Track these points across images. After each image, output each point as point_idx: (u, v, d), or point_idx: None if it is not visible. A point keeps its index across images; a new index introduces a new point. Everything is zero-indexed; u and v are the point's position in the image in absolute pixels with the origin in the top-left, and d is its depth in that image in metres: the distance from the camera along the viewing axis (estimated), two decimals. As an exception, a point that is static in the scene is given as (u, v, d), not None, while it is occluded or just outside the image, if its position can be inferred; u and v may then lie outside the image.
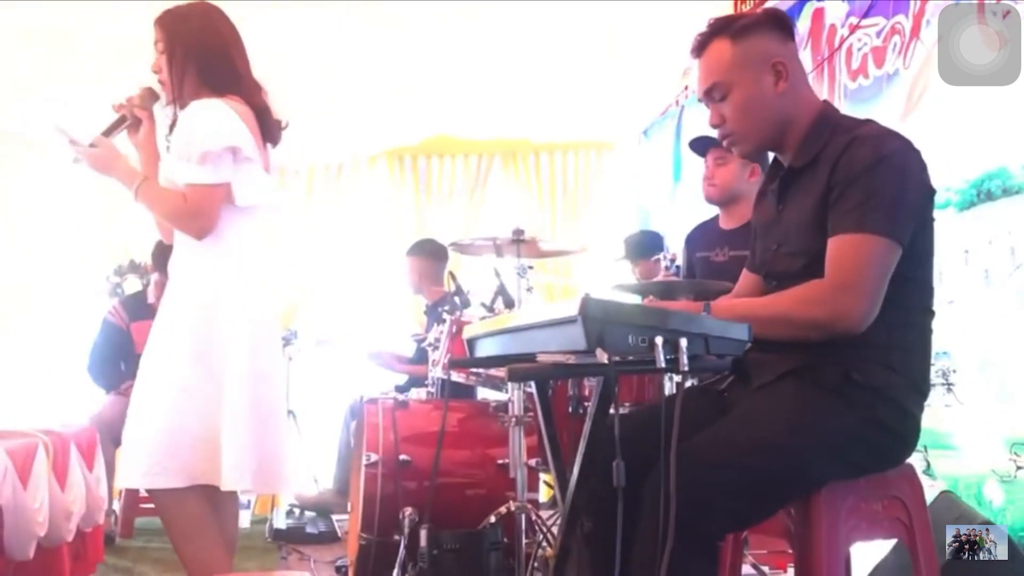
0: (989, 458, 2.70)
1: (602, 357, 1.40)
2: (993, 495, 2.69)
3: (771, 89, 1.85)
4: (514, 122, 5.92)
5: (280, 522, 4.38)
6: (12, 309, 5.64)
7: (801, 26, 3.74)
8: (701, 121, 4.72)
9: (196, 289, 2.32)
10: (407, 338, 4.98)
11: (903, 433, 1.79)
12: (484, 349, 2.00)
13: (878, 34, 3.28)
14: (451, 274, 4.02)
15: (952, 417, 2.84)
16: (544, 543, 3.00)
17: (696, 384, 2.11)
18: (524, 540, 2.97)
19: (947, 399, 2.85)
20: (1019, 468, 2.59)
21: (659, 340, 1.42)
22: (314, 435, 5.08)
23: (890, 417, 1.74)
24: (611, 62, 4.89)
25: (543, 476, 3.48)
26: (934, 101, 2.94)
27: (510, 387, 3.07)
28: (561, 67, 4.93)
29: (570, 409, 3.08)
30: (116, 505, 4.28)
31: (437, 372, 3.53)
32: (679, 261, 3.62)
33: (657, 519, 1.45)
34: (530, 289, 3.30)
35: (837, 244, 1.72)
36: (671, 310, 1.57)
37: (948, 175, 2.78)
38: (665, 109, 5.64)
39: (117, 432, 3.79)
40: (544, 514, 3.16)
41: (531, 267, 3.34)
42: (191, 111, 2.27)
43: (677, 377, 1.50)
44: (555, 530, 2.96)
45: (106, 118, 2.44)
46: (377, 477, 3.16)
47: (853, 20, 3.43)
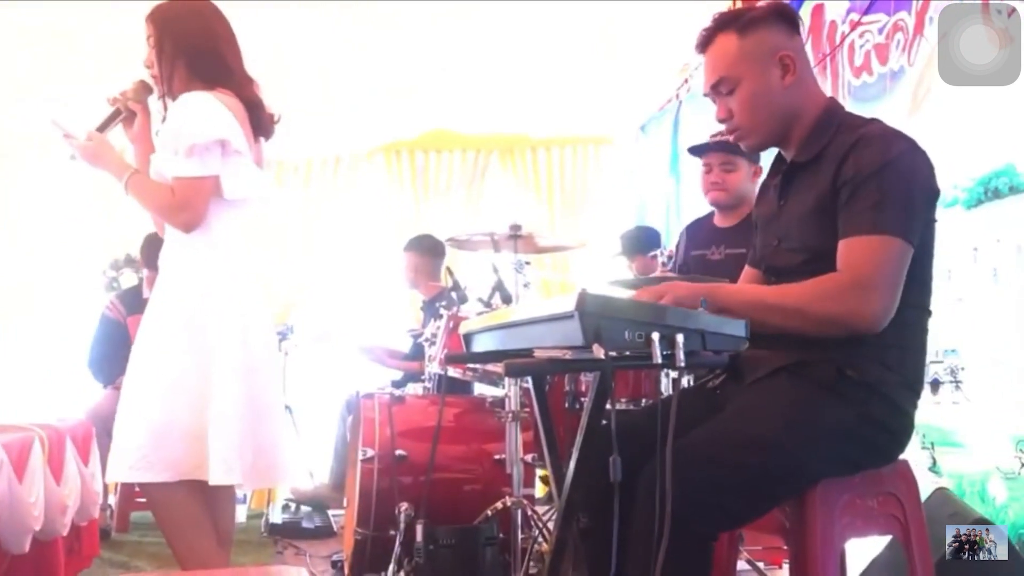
0: (995, 455, 2.70)
1: (599, 352, 1.40)
2: (997, 492, 2.69)
3: (778, 82, 1.85)
4: (512, 117, 5.91)
5: (276, 517, 4.38)
6: (11, 305, 5.64)
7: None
8: (699, 116, 4.76)
9: (185, 283, 2.32)
10: (403, 333, 4.98)
11: (896, 430, 1.79)
12: (481, 344, 2.00)
13: (880, 31, 3.28)
14: (448, 269, 4.02)
15: (959, 414, 2.84)
16: (540, 538, 3.00)
17: (691, 384, 2.11)
18: (520, 535, 2.97)
19: (955, 396, 2.84)
20: (1024, 465, 2.60)
21: (656, 336, 1.43)
22: (310, 430, 5.07)
23: (884, 414, 1.74)
24: (609, 57, 4.88)
25: (539, 471, 3.48)
26: (940, 98, 2.93)
27: (507, 382, 3.07)
28: (559, 62, 4.93)
29: (567, 404, 3.08)
30: (112, 499, 4.28)
31: (434, 367, 3.53)
32: (675, 256, 3.62)
33: (651, 515, 1.46)
34: (527, 285, 3.30)
35: (852, 245, 1.71)
36: (668, 306, 1.57)
37: (955, 173, 2.78)
38: (663, 105, 5.64)
39: (112, 426, 3.81)
40: (540, 509, 3.16)
41: (528, 263, 3.35)
42: (179, 104, 2.27)
43: (673, 373, 1.50)
44: (551, 525, 2.96)
45: (102, 112, 2.44)
46: (373, 472, 3.16)
47: (854, 17, 3.42)
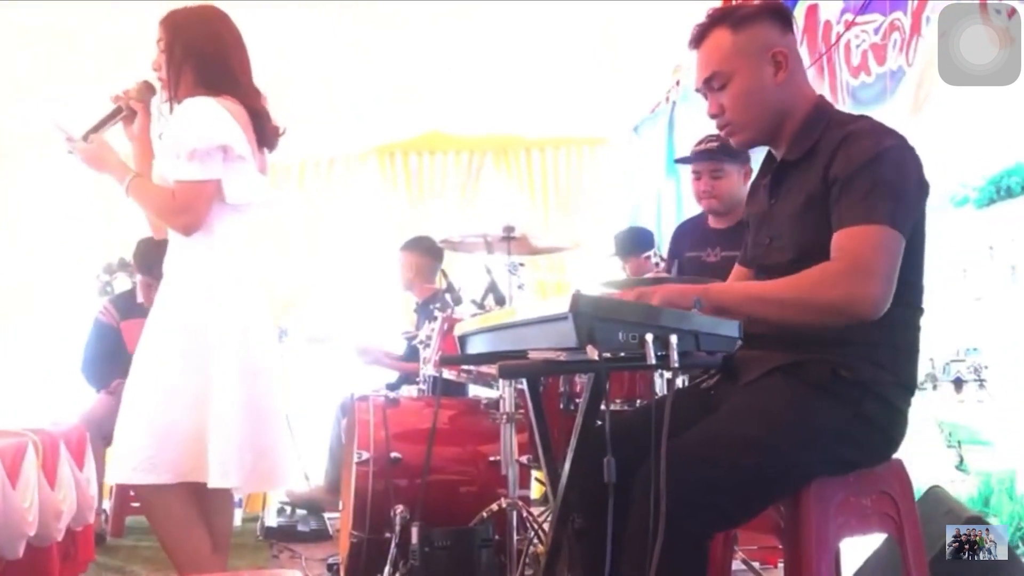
0: (1023, 452, 2.68)
1: (593, 354, 1.40)
2: (1025, 489, 2.68)
3: (771, 79, 1.86)
4: (506, 118, 5.91)
5: (271, 520, 4.37)
6: (5, 308, 5.63)
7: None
8: (693, 117, 4.77)
9: (188, 286, 2.34)
10: (398, 335, 4.97)
11: (890, 429, 1.80)
12: (475, 346, 2.00)
13: (876, 31, 3.29)
14: (442, 271, 4.02)
15: (985, 412, 2.83)
16: (535, 539, 3.00)
17: (685, 384, 2.11)
18: (515, 536, 2.97)
19: (980, 395, 2.84)
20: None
21: (649, 337, 1.43)
22: (305, 432, 5.06)
23: (878, 413, 1.75)
24: (602, 58, 4.89)
25: (534, 473, 3.48)
26: (943, 98, 2.93)
27: (501, 384, 3.07)
28: (553, 63, 4.93)
29: (561, 406, 3.08)
30: (107, 504, 4.26)
31: (428, 369, 3.53)
32: (667, 257, 3.63)
33: (646, 516, 1.46)
34: (521, 286, 3.30)
35: (847, 235, 1.70)
36: (661, 307, 1.57)
37: (965, 172, 2.77)
38: (656, 106, 5.65)
39: (107, 431, 3.79)
40: (535, 511, 3.16)
41: (522, 264, 3.35)
42: (183, 109, 2.30)
43: (668, 374, 1.50)
44: (546, 526, 2.96)
45: (104, 109, 2.47)
46: (368, 474, 3.15)
47: (848, 17, 3.43)
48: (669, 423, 1.44)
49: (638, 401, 3.04)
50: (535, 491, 3.83)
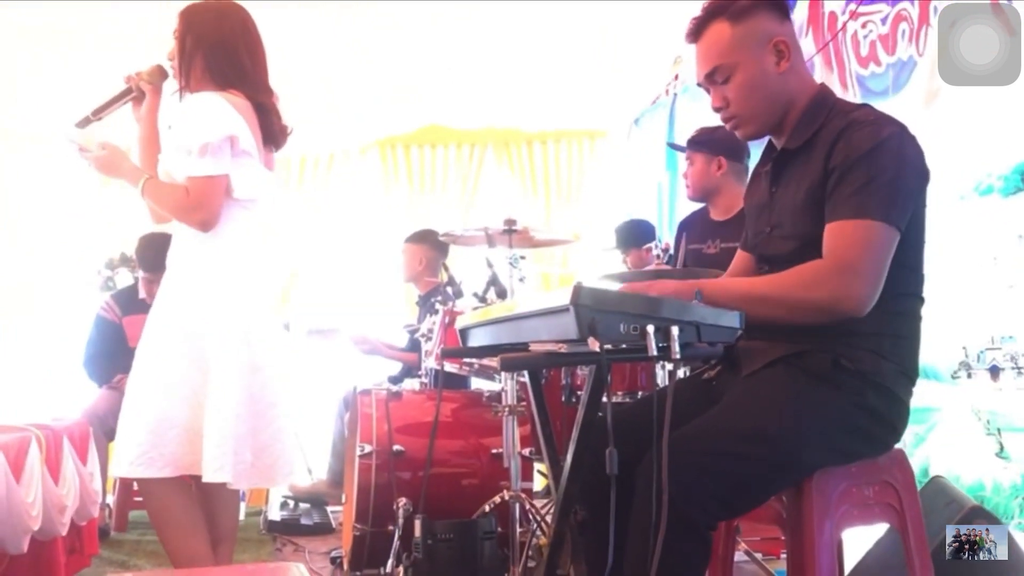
0: None
1: (594, 346, 1.40)
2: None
3: (773, 69, 1.85)
4: (506, 112, 5.91)
5: (274, 514, 4.38)
6: (8, 305, 5.63)
7: (799, 15, 3.74)
8: (693, 109, 4.76)
9: (192, 282, 2.34)
10: (398, 327, 4.97)
11: (892, 419, 1.79)
12: (477, 339, 2.00)
13: (883, 21, 3.28)
14: (444, 265, 4.02)
15: None
16: (538, 531, 3.01)
17: (687, 375, 2.11)
18: (518, 529, 2.98)
19: (1019, 382, 2.83)
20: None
21: (651, 328, 1.43)
22: (308, 426, 5.07)
23: (879, 403, 1.75)
24: (602, 51, 4.88)
25: (537, 465, 3.49)
26: (958, 88, 2.91)
27: (503, 377, 3.07)
28: (553, 57, 4.92)
29: (563, 398, 3.09)
30: (110, 498, 4.27)
31: (430, 363, 3.53)
32: (672, 250, 3.64)
33: (649, 508, 1.46)
34: (522, 279, 3.31)
35: (836, 229, 1.70)
36: (663, 298, 1.57)
37: (988, 161, 2.76)
38: (656, 98, 5.64)
39: (109, 426, 3.81)
40: (538, 503, 3.17)
41: (523, 257, 3.35)
42: (187, 106, 2.32)
43: (669, 365, 1.50)
44: (549, 519, 2.97)
45: (115, 88, 2.51)
46: (371, 468, 3.16)
47: (853, 7, 3.42)
48: (671, 415, 1.44)
49: (639, 393, 3.04)
50: (538, 483, 3.84)
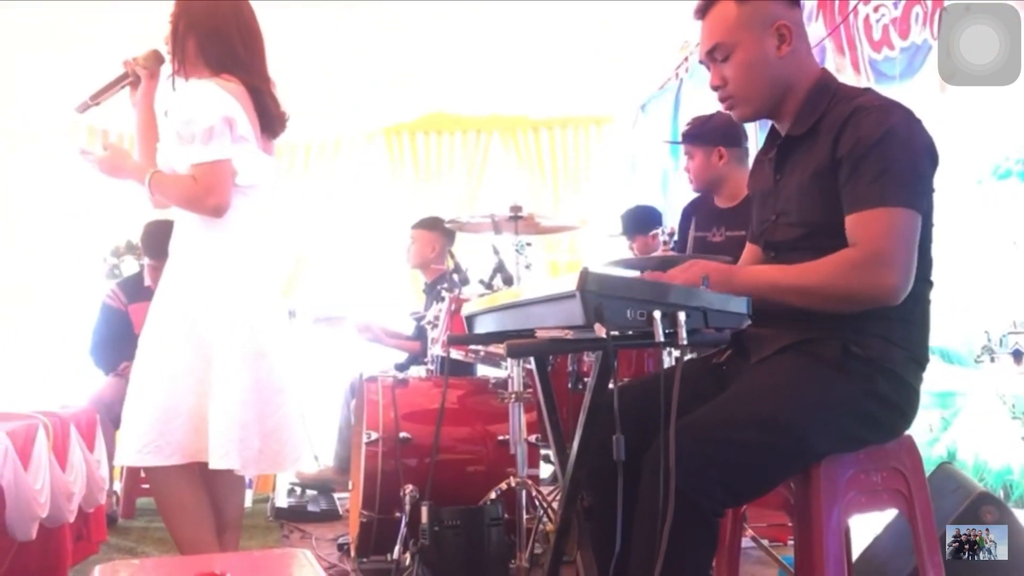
0: None
1: (600, 332, 1.39)
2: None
3: (774, 52, 1.84)
4: (512, 98, 5.89)
5: (281, 501, 4.39)
6: (14, 293, 5.65)
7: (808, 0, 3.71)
8: (699, 95, 4.73)
9: (194, 269, 2.34)
10: (404, 315, 4.97)
11: (902, 405, 1.78)
12: (483, 326, 1.99)
13: (895, 4, 3.26)
14: (450, 252, 4.02)
15: None
16: (545, 518, 3.01)
17: (695, 357, 2.10)
18: (525, 515, 2.98)
19: None
20: None
21: (657, 314, 1.42)
22: (314, 413, 5.08)
23: (890, 389, 1.74)
24: (608, 36, 4.86)
25: (543, 452, 3.49)
26: None
27: (509, 363, 3.07)
28: (559, 42, 4.90)
29: (569, 385, 3.08)
30: (117, 486, 4.29)
31: (436, 350, 3.53)
32: (677, 235, 3.62)
33: (656, 494, 1.45)
34: (528, 266, 3.30)
35: (862, 219, 1.70)
36: (670, 284, 1.56)
37: (1007, 144, 2.74)
38: (663, 83, 5.62)
39: (116, 413, 3.79)
40: (544, 490, 3.17)
41: (529, 244, 3.34)
42: (181, 95, 2.31)
43: (676, 351, 1.49)
44: (555, 505, 2.97)
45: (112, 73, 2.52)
46: (378, 455, 3.16)
47: None
48: (679, 400, 1.43)
49: (646, 380, 3.03)
50: (544, 470, 3.84)
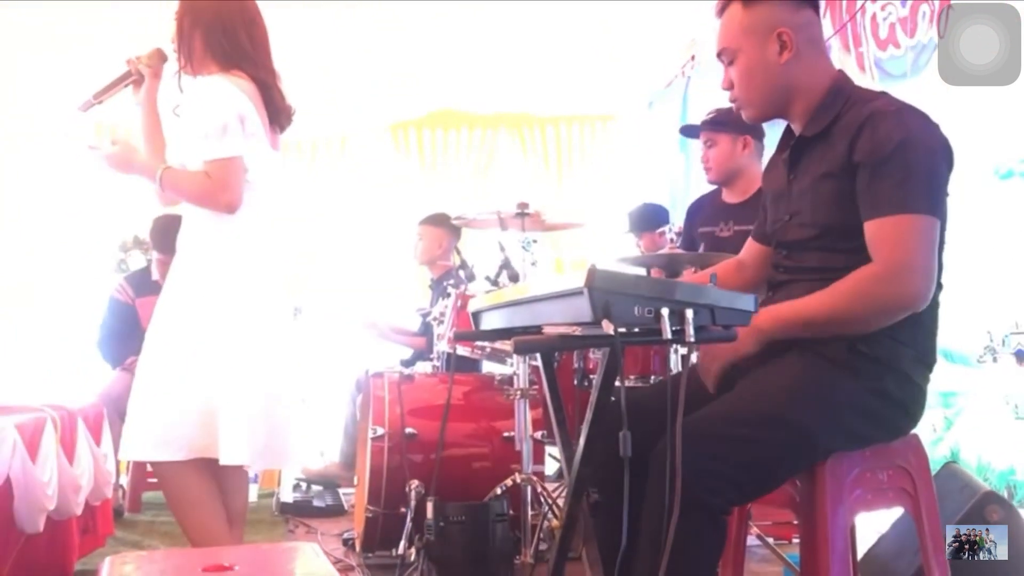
0: None
1: (608, 328, 1.39)
2: None
3: (775, 58, 1.85)
4: (518, 95, 5.89)
5: (287, 496, 4.40)
6: (22, 288, 5.67)
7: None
8: (707, 92, 4.72)
9: (202, 264, 2.34)
10: (410, 311, 4.97)
11: (909, 404, 1.79)
12: (489, 322, 1.99)
13: (903, 3, 3.25)
14: (456, 248, 4.02)
15: None
16: (550, 514, 3.01)
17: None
18: (530, 512, 2.99)
19: None
20: None
21: (665, 311, 1.42)
22: (320, 409, 5.09)
23: (896, 389, 1.74)
24: (614, 34, 4.85)
25: (548, 449, 3.49)
26: None
27: (515, 360, 3.07)
28: (566, 40, 4.90)
29: (575, 382, 3.09)
30: (124, 480, 4.30)
31: (442, 346, 3.54)
32: (684, 234, 3.62)
33: (663, 491, 1.46)
34: (534, 263, 3.30)
35: (884, 225, 1.70)
36: (677, 281, 1.56)
37: (1010, 145, 2.74)
38: (671, 80, 5.61)
39: (123, 407, 3.79)
40: (549, 486, 3.18)
41: (535, 241, 3.34)
42: (195, 90, 2.32)
43: (683, 349, 1.49)
44: (560, 502, 2.97)
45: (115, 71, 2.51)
46: (383, 450, 3.17)
47: None
48: (686, 399, 1.43)
49: (652, 378, 3.04)
50: (549, 467, 3.84)
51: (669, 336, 1.42)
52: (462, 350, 3.37)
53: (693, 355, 2.48)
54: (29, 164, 5.72)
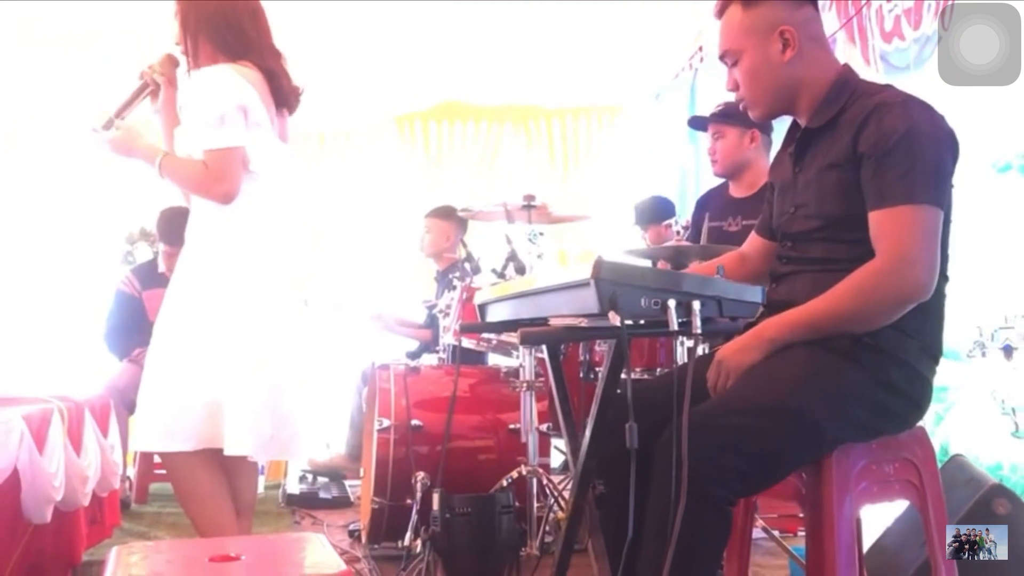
0: None
1: (615, 320, 1.39)
2: None
3: (778, 57, 1.85)
4: (525, 87, 5.88)
5: (293, 487, 4.41)
6: (29, 279, 5.69)
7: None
8: (715, 84, 4.71)
9: (209, 256, 2.34)
10: (416, 304, 4.97)
11: (915, 396, 1.79)
12: (495, 314, 2.00)
13: None
14: (462, 241, 4.02)
15: None
16: (555, 506, 3.02)
17: (706, 352, 2.10)
18: (536, 504, 2.99)
19: None
20: None
21: (672, 303, 1.42)
22: (326, 401, 5.10)
23: (902, 380, 1.74)
24: (621, 26, 4.84)
25: (554, 441, 3.49)
26: None
27: (521, 352, 3.08)
28: (571, 31, 4.89)
29: (581, 374, 3.08)
30: (131, 471, 4.32)
31: (448, 338, 3.54)
32: (691, 229, 3.61)
33: (668, 482, 1.46)
34: (541, 255, 3.30)
35: (887, 217, 1.70)
36: (684, 273, 1.56)
37: (1009, 138, 2.74)
38: (678, 73, 5.59)
39: (130, 399, 3.83)
40: (555, 478, 3.18)
41: (542, 233, 3.33)
42: (197, 81, 2.31)
43: (689, 341, 1.49)
44: (566, 494, 2.97)
45: (130, 86, 2.48)
46: (389, 442, 3.18)
47: None
48: (691, 390, 1.43)
49: (659, 369, 3.03)
50: (555, 459, 3.85)
51: (676, 327, 1.41)
52: (468, 342, 3.38)
53: (700, 348, 2.48)
54: (36, 157, 5.73)
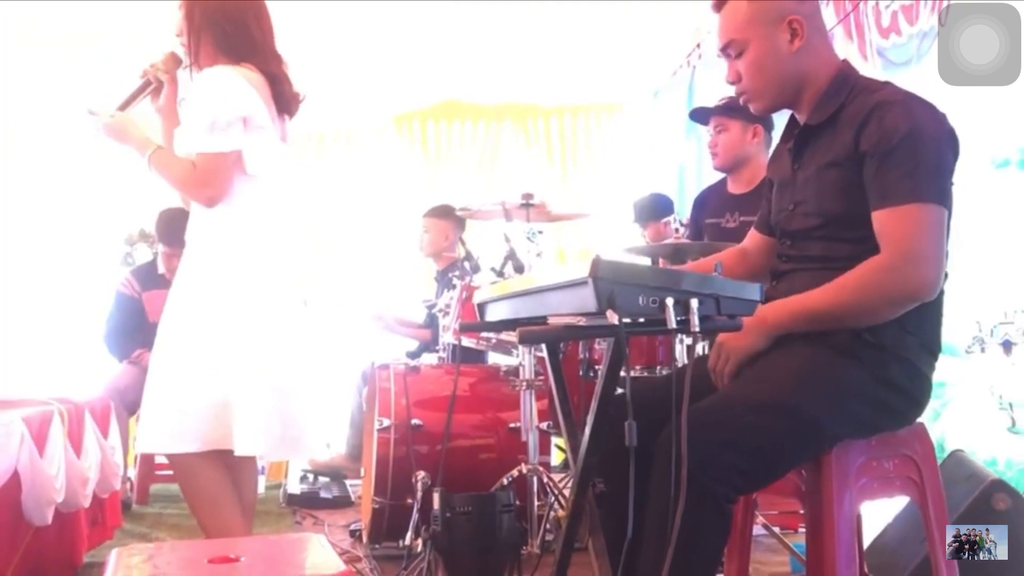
0: None
1: (613, 318, 1.39)
2: None
3: (786, 47, 1.84)
4: (524, 86, 5.87)
5: (294, 487, 4.41)
6: (29, 281, 5.69)
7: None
8: (714, 82, 4.71)
9: (210, 257, 2.34)
10: (416, 303, 4.98)
11: (915, 393, 1.79)
12: (495, 313, 1.99)
13: None
14: (461, 240, 4.02)
15: None
16: (556, 505, 3.02)
17: (705, 352, 2.10)
18: (536, 502, 3.00)
19: None
20: None
21: (670, 301, 1.42)
22: (327, 401, 5.10)
23: (902, 377, 1.74)
24: (619, 24, 4.83)
25: (554, 439, 3.50)
26: None
27: (521, 351, 3.08)
28: (570, 30, 4.88)
29: (581, 373, 3.09)
30: (132, 472, 4.32)
31: (448, 337, 3.54)
32: (690, 226, 3.61)
33: (668, 480, 1.46)
34: (540, 254, 3.30)
35: (892, 215, 1.69)
36: (683, 271, 1.56)
37: (1007, 133, 2.74)
38: (676, 70, 5.59)
39: (130, 400, 3.84)
40: (555, 477, 3.18)
41: (540, 232, 3.33)
42: (201, 80, 2.30)
43: (688, 339, 1.49)
44: (567, 492, 2.98)
45: (132, 84, 2.48)
46: (390, 441, 3.18)
47: None
48: (691, 388, 1.43)
49: (658, 368, 3.04)
50: (555, 457, 3.85)
51: (674, 325, 1.41)
52: (467, 341, 3.38)
53: (699, 346, 2.48)
54: (35, 157, 5.73)
